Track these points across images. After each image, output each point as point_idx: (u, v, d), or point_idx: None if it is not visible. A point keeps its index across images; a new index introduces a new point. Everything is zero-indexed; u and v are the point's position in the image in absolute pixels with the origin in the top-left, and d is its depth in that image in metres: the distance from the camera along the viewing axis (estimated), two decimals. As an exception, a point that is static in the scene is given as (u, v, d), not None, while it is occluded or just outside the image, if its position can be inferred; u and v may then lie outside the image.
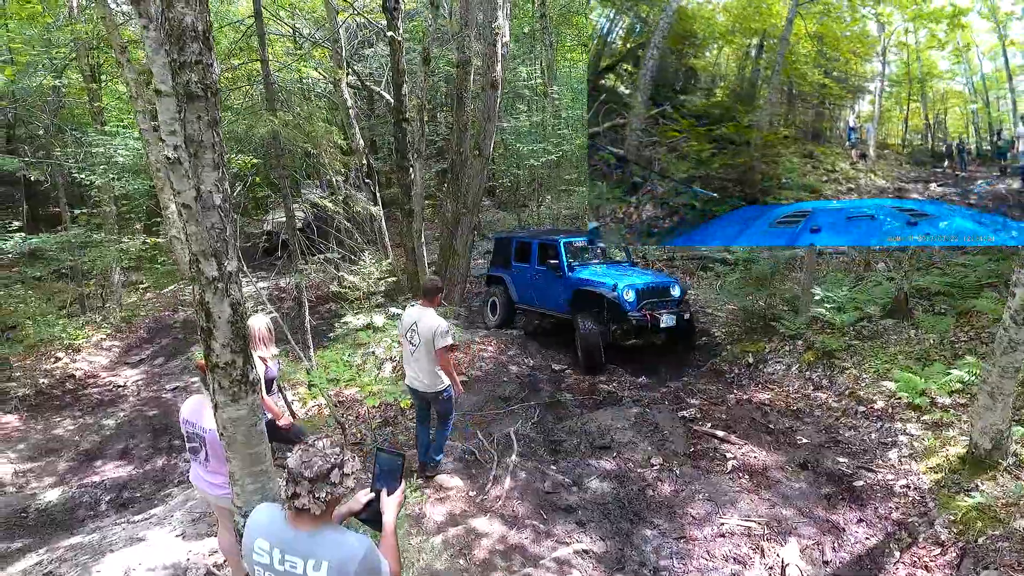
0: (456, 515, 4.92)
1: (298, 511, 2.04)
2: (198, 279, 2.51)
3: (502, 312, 10.54)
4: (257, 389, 2.77)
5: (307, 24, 13.93)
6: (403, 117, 9.72)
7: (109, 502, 7.02)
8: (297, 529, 2.06)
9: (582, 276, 9.04)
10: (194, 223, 2.41)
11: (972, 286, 7.30)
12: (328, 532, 2.07)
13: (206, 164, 2.40)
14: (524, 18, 18.31)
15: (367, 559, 2.03)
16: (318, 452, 2.06)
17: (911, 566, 4.02)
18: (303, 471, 2.02)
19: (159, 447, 8.61)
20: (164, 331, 13.78)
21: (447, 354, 5.14)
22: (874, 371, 6.41)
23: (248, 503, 2.85)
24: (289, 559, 2.05)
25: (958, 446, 4.86)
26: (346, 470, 2.08)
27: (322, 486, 2.01)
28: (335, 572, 1.99)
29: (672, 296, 8.72)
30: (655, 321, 8.20)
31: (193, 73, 2.29)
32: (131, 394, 10.75)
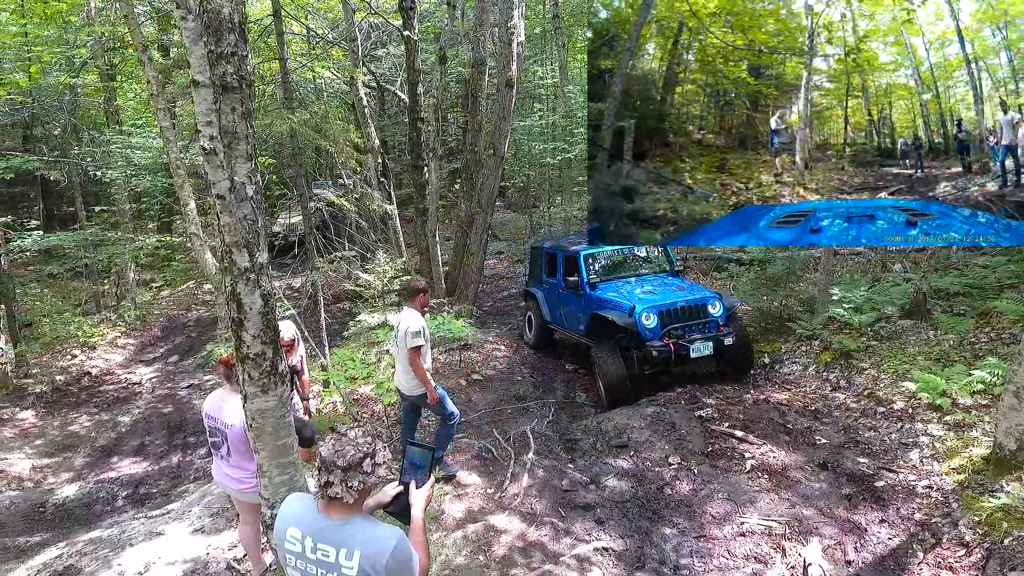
0: (475, 512, 4.92)
1: (331, 500, 2.04)
2: (230, 270, 2.53)
3: (537, 332, 9.54)
4: (286, 381, 2.79)
5: (323, 24, 14.01)
6: (418, 116, 9.75)
7: (126, 497, 7.07)
8: (329, 518, 2.07)
9: (601, 296, 7.75)
10: (228, 214, 2.43)
11: (992, 287, 7.24)
12: (360, 522, 2.08)
13: (239, 155, 2.42)
14: (536, 19, 18.33)
15: (399, 550, 2.03)
16: (351, 441, 2.07)
17: (935, 567, 3.98)
18: (336, 460, 2.02)
19: (174, 444, 8.67)
20: (178, 330, 13.89)
21: (417, 356, 4.98)
22: (893, 372, 6.36)
23: (275, 495, 2.87)
24: (321, 547, 2.06)
25: (981, 447, 4.81)
26: (378, 459, 2.08)
27: (355, 475, 2.02)
28: (367, 562, 2.00)
29: (711, 316, 7.17)
30: (682, 350, 6.83)
31: (229, 64, 2.31)
32: (146, 391, 10.84)
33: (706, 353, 6.91)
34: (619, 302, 7.39)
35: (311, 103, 10.82)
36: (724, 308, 7.28)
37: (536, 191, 18.53)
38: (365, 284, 8.95)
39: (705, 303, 7.25)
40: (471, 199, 10.48)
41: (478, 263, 10.56)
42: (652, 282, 8.02)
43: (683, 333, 7.00)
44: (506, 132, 9.82)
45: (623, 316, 7.10)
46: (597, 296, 7.75)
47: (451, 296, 10.28)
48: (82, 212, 14.03)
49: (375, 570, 1.99)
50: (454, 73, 15.99)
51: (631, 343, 7.15)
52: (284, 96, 7.85)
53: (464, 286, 10.45)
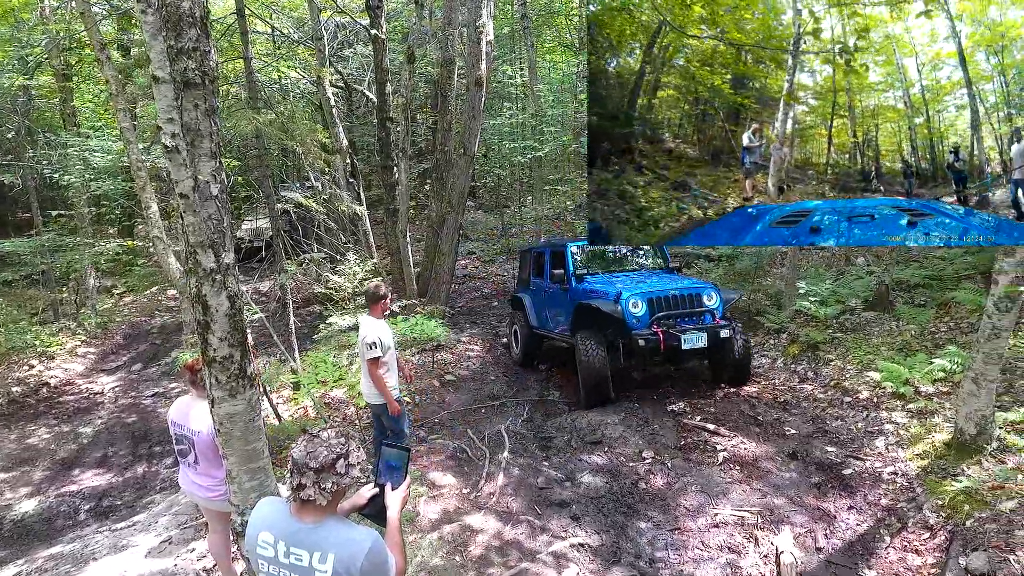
0: (450, 512, 4.89)
1: (303, 503, 2.00)
2: (195, 271, 2.46)
3: (523, 342, 8.75)
4: (255, 384, 2.73)
5: (288, 23, 13.79)
6: (387, 116, 9.67)
7: (89, 511, 6.86)
8: (302, 521, 2.02)
9: (588, 287, 7.28)
10: (192, 213, 2.37)
11: (951, 278, 7.47)
12: (334, 524, 2.04)
13: (203, 153, 2.36)
14: (504, 19, 18.34)
15: (373, 552, 1.99)
16: (323, 442, 2.03)
17: (902, 550, 4.09)
18: (308, 462, 1.98)
19: (139, 454, 8.43)
20: (141, 337, 13.52)
21: (375, 367, 4.83)
22: (858, 362, 6.52)
23: (246, 501, 2.81)
24: (294, 551, 2.01)
25: (943, 433, 4.96)
26: (351, 460, 2.04)
27: (328, 476, 1.98)
28: (341, 565, 1.96)
29: (706, 307, 6.68)
30: (672, 340, 6.27)
31: (191, 60, 2.25)
32: (108, 401, 10.51)
33: (700, 345, 6.30)
34: (605, 291, 6.93)
35: (277, 103, 10.65)
36: (721, 300, 6.78)
37: (507, 191, 18.54)
38: (335, 286, 8.85)
39: (700, 293, 6.76)
40: (442, 199, 10.43)
41: (450, 263, 10.51)
42: (644, 276, 7.65)
43: (674, 323, 6.50)
44: (476, 131, 9.79)
45: (609, 303, 6.61)
46: (583, 288, 7.32)
47: (423, 297, 10.20)
48: (38, 217, 13.55)
49: (349, 573, 1.95)
50: (423, 73, 15.91)
51: (617, 335, 6.69)
52: (249, 96, 7.70)
53: (436, 287, 10.39)
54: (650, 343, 6.29)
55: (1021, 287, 4.24)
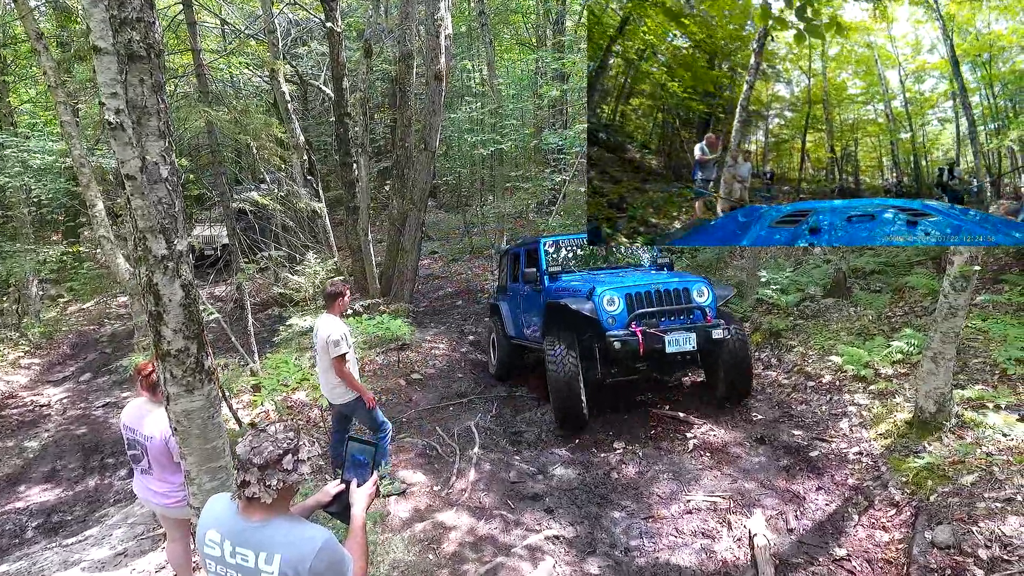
0: (421, 510, 4.78)
1: (248, 500, 1.88)
2: (145, 259, 2.31)
3: (500, 354, 7.91)
4: (213, 378, 2.58)
5: (238, 16, 13.38)
6: (345, 112, 9.46)
7: (37, 527, 6.50)
8: (249, 520, 1.90)
9: (561, 285, 6.42)
10: (140, 196, 2.22)
11: (904, 264, 7.70)
12: (282, 523, 1.91)
13: (151, 132, 2.21)
14: (462, 17, 18.24)
15: (325, 551, 1.87)
16: (269, 437, 1.90)
17: (870, 527, 4.16)
18: (252, 457, 1.86)
19: (90, 467, 8.03)
20: (90, 346, 12.92)
21: (343, 364, 4.70)
22: (819, 348, 6.64)
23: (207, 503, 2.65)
24: (240, 551, 1.89)
25: (904, 412, 5.08)
26: (301, 456, 1.92)
27: (273, 473, 1.85)
28: (288, 565, 1.84)
29: (695, 303, 5.80)
30: (654, 342, 5.40)
31: (135, 31, 2.10)
32: (56, 413, 10.00)
33: (687, 348, 5.44)
34: (578, 288, 6.11)
35: (229, 99, 10.29)
36: (714, 296, 5.91)
37: (468, 190, 18.41)
38: (295, 286, 8.61)
39: (688, 288, 5.87)
40: (403, 196, 10.26)
41: (413, 261, 10.34)
42: (627, 272, 6.82)
43: (657, 323, 5.59)
44: (436, 126, 9.65)
45: (580, 300, 5.77)
46: (556, 286, 6.46)
47: (386, 296, 10.02)
48: (-28, 223, 12.84)
49: (298, 573, 1.83)
50: (380, 71, 15.68)
51: (593, 339, 5.84)
52: (200, 90, 7.41)
53: (399, 285, 10.21)
54: (627, 345, 5.40)
55: (975, 266, 4.37)
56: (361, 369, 5.23)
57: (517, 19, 19.17)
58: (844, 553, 3.98)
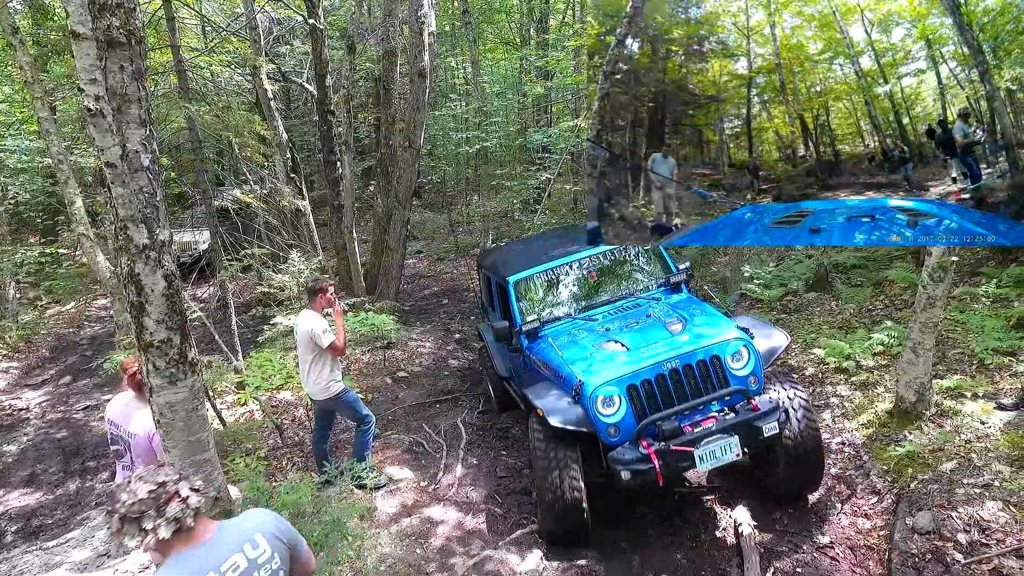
0: (409, 506, 4.77)
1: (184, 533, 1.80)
2: (126, 249, 2.28)
3: (494, 390, 6.50)
4: (197, 369, 2.56)
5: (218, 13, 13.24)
6: (328, 110, 9.40)
7: (16, 532, 6.40)
8: (206, 542, 1.84)
9: (542, 356, 4.68)
10: (121, 184, 2.19)
11: (883, 259, 7.81)
12: (223, 522, 1.95)
13: (131, 120, 2.19)
14: (445, 17, 18.21)
15: (277, 516, 2.05)
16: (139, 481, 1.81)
17: (852, 515, 4.22)
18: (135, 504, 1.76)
19: (71, 470, 7.91)
20: (70, 349, 12.71)
21: (337, 348, 4.77)
22: (802, 341, 6.72)
23: None
24: (229, 563, 1.84)
25: (885, 402, 5.15)
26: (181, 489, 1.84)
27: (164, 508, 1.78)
28: (268, 534, 1.95)
29: (733, 375, 4.06)
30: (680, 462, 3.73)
31: (115, 17, 2.08)
32: (35, 417, 9.83)
33: (727, 459, 3.78)
34: (559, 369, 4.34)
35: (210, 95, 10.18)
36: (756, 357, 4.13)
37: (453, 189, 18.38)
38: (280, 285, 8.54)
39: (718, 356, 4.10)
40: (388, 194, 10.21)
41: (398, 259, 10.30)
42: (630, 314, 4.81)
43: (678, 424, 3.82)
44: (421, 124, 9.62)
45: (565, 405, 4.04)
46: (535, 353, 4.81)
47: (372, 294, 9.96)
48: (-53, 225, 12.58)
49: (280, 530, 1.98)
50: (363, 70, 15.60)
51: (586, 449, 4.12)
52: (180, 86, 7.32)
53: (385, 283, 10.16)
54: (640, 477, 3.70)
55: (952, 257, 4.45)
56: (346, 368, 5.22)
57: (501, 18, 19.18)
58: (827, 540, 4.04)
